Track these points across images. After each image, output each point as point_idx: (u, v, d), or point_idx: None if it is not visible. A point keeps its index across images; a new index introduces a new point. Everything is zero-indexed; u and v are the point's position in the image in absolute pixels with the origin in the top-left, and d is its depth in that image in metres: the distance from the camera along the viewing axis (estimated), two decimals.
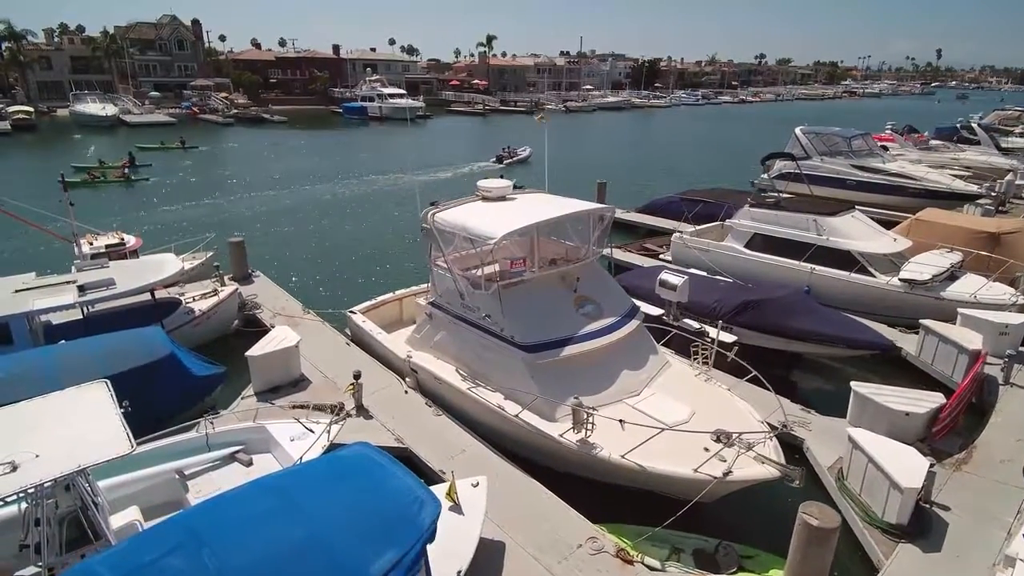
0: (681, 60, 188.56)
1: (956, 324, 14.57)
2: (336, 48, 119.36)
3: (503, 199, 13.52)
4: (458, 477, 8.88)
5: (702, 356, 12.45)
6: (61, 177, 18.67)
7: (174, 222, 29.51)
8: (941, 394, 11.67)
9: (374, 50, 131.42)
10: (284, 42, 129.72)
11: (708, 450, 9.28)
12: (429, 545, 6.28)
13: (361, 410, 12.10)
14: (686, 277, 15.06)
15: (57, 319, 13.80)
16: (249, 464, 9.82)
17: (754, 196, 21.48)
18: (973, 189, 28.99)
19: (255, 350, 12.89)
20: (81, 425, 6.99)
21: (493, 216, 12.39)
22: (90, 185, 37.08)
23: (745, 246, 19.88)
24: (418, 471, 9.82)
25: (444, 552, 7.17)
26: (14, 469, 6.16)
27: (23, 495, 6.28)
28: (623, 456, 9.37)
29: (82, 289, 13.72)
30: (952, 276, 16.96)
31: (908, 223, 20.65)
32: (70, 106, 74.71)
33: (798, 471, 8.71)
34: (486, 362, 11.96)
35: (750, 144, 53.90)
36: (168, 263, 15.81)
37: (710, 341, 12.65)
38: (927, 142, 41.89)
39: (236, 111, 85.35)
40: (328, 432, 10.06)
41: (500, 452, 10.98)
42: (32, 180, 37.73)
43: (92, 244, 18.47)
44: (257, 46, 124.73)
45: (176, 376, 11.95)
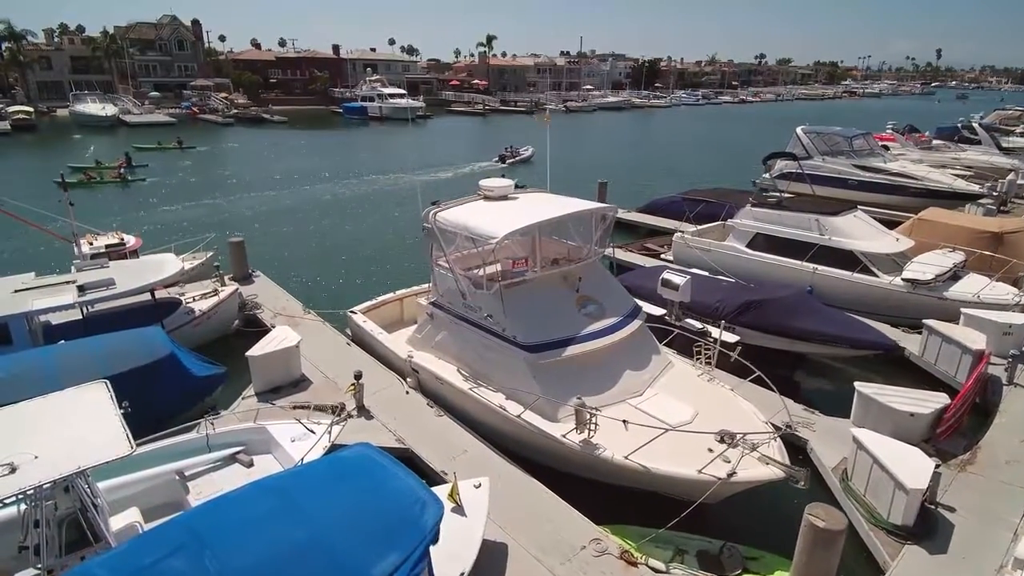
0: (681, 60, 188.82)
1: (959, 324, 14.53)
2: (336, 48, 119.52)
3: (505, 198, 13.45)
4: (460, 478, 8.82)
5: (705, 356, 12.37)
6: (61, 177, 18.63)
7: (174, 222, 29.46)
8: (945, 394, 11.62)
9: (374, 50, 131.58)
10: (284, 42, 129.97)
11: (712, 451, 9.24)
12: (431, 547, 6.24)
13: (362, 410, 12.05)
14: (688, 277, 15.01)
15: (57, 319, 13.74)
16: (250, 465, 9.79)
17: (756, 196, 21.46)
18: (975, 189, 28.91)
19: (255, 350, 12.85)
20: (81, 426, 6.95)
21: (495, 215, 12.33)
22: (86, 186, 36.98)
23: (747, 246, 19.82)
24: (420, 472, 9.74)
25: (446, 554, 7.12)
26: (13, 470, 6.12)
27: (22, 497, 6.23)
28: (626, 457, 9.31)
29: (82, 289, 13.67)
30: (955, 276, 16.90)
31: (911, 223, 20.57)
32: (70, 106, 74.80)
33: (803, 472, 8.65)
34: (488, 362, 11.90)
35: (750, 144, 53.87)
36: (168, 263, 15.77)
37: (713, 341, 12.57)
38: (929, 142, 41.82)
39: (236, 111, 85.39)
40: (329, 433, 10.02)
41: (502, 453, 10.91)
42: (31, 180, 37.64)
43: (92, 244, 18.47)
44: (257, 46, 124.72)
45: (176, 376, 11.92)
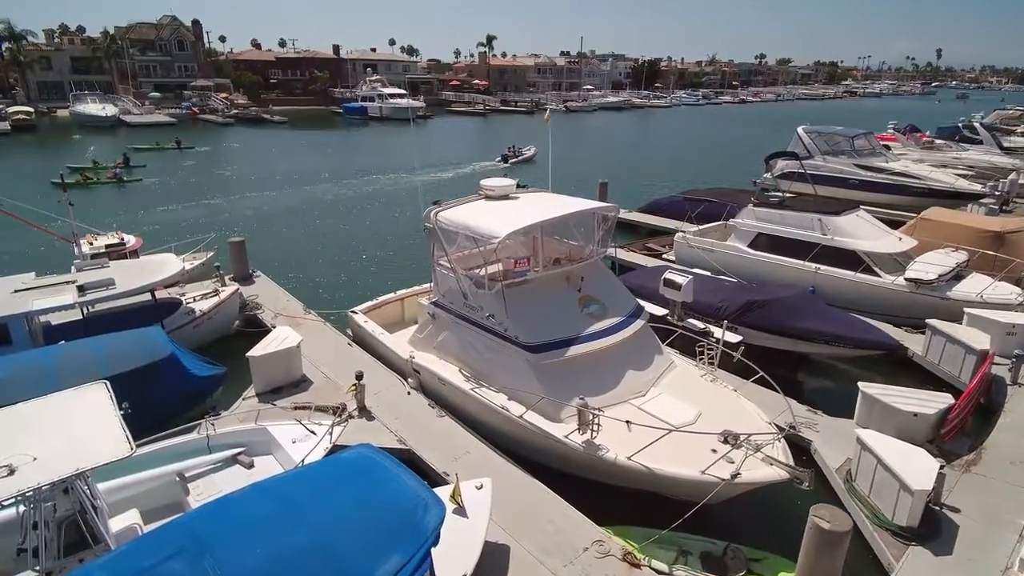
0: (681, 60, 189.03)
1: (963, 324, 14.47)
2: (336, 48, 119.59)
3: (506, 198, 13.40)
4: (462, 479, 8.76)
5: (707, 356, 12.31)
6: (61, 177, 18.60)
7: (174, 222, 29.41)
8: (949, 395, 11.55)
9: (374, 50, 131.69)
10: (284, 42, 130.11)
11: (716, 452, 9.17)
12: (433, 548, 6.19)
13: (363, 411, 11.99)
14: (691, 277, 14.95)
15: (57, 319, 13.68)
16: (251, 466, 9.72)
17: (758, 195, 21.38)
18: (977, 188, 28.85)
19: (256, 351, 12.80)
20: (80, 427, 6.89)
21: (497, 215, 12.27)
22: (82, 186, 36.88)
23: (749, 246, 19.75)
24: (421, 473, 9.68)
25: (448, 555, 7.06)
26: (11, 472, 6.06)
27: (21, 498, 6.18)
28: (629, 458, 9.25)
29: (82, 289, 13.61)
30: (958, 275, 16.83)
31: (913, 222, 20.48)
32: (70, 106, 74.82)
33: (807, 473, 8.61)
34: (490, 362, 11.84)
35: (751, 144, 53.87)
36: (168, 263, 15.72)
37: (715, 341, 12.52)
38: (932, 142, 41.77)
39: (236, 111, 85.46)
40: (330, 434, 9.98)
41: (504, 454, 10.85)
42: (31, 181, 37.58)
43: (92, 244, 18.41)
44: (257, 46, 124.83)
45: (177, 377, 11.86)
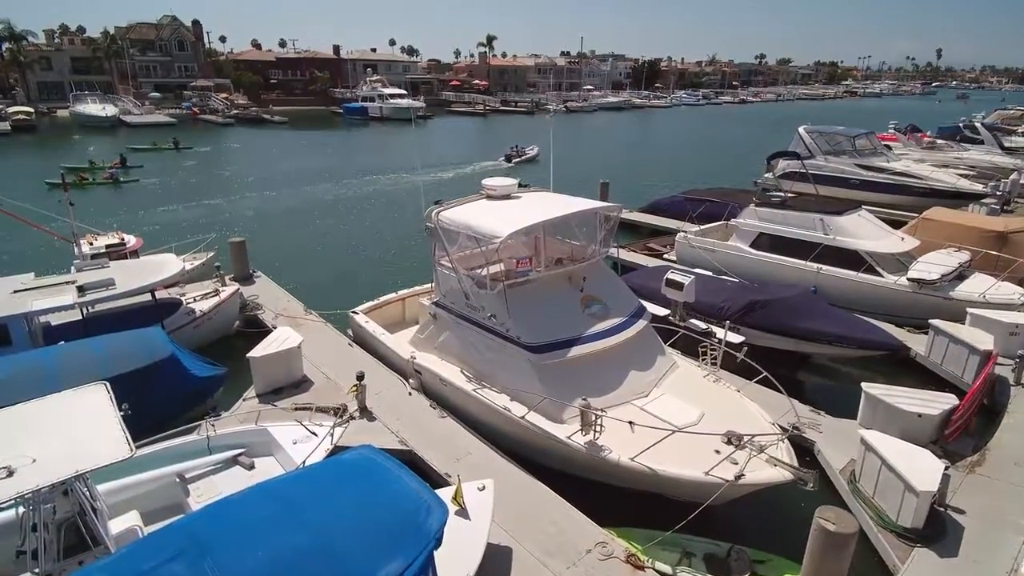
0: (681, 60, 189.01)
1: (965, 324, 14.42)
2: (336, 48, 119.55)
3: (508, 198, 13.34)
4: (464, 480, 8.71)
5: (710, 357, 12.27)
6: (61, 177, 18.55)
7: (174, 222, 29.36)
8: (953, 395, 11.50)
9: (374, 50, 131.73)
10: (284, 42, 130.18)
11: (719, 452, 9.14)
12: (435, 551, 6.13)
13: (364, 412, 11.94)
14: (693, 277, 14.89)
15: (57, 320, 13.64)
16: (251, 467, 9.68)
17: (759, 195, 21.33)
18: (978, 188, 28.80)
19: (257, 351, 12.75)
20: (80, 428, 6.84)
21: (498, 215, 12.21)
22: (78, 187, 36.67)
23: (750, 246, 19.71)
24: (423, 474, 9.65)
25: (451, 557, 7.00)
26: (10, 474, 6.01)
27: (20, 500, 6.13)
28: (632, 458, 9.20)
29: (82, 289, 13.56)
30: (960, 276, 16.78)
31: (915, 222, 20.45)
32: (70, 107, 74.79)
33: (812, 474, 8.55)
34: (491, 363, 11.79)
35: (751, 144, 53.81)
36: (169, 263, 15.67)
37: (718, 342, 12.46)
38: (933, 142, 41.73)
39: (236, 112, 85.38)
40: (331, 435, 9.94)
41: (506, 455, 10.80)
42: (31, 181, 37.52)
43: (92, 244, 18.37)
44: (257, 47, 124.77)
45: (177, 378, 11.80)
